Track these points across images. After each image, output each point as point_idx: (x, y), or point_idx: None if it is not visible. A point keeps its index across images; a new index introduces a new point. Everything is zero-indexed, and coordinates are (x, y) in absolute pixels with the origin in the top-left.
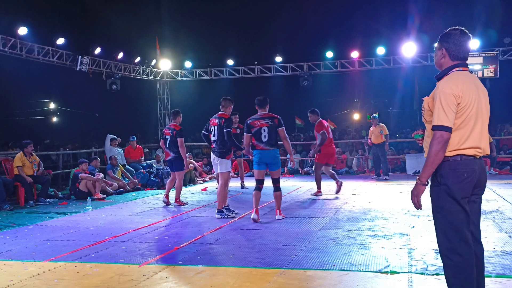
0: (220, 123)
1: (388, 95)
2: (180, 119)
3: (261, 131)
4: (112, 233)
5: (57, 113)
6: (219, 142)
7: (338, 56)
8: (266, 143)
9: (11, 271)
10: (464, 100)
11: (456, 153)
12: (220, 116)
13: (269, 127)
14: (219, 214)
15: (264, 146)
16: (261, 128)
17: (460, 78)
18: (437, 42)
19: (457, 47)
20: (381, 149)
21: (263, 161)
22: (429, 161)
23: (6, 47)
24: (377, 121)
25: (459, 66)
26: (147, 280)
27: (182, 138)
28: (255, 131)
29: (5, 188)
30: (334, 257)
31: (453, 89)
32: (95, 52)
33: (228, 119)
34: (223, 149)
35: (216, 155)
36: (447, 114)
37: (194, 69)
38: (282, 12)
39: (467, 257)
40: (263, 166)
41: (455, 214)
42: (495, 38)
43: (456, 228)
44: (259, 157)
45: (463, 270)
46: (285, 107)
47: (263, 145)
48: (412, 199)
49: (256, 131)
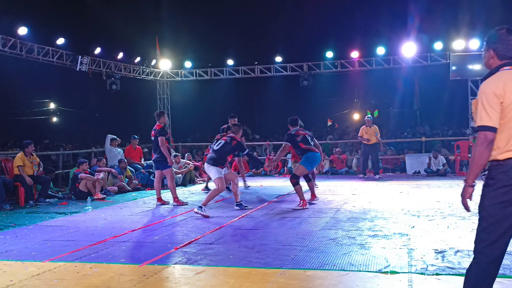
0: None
1: (388, 95)
2: (164, 120)
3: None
4: (112, 233)
5: (57, 113)
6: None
7: (338, 56)
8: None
9: (11, 271)
10: (508, 99)
11: (508, 156)
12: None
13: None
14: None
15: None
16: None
17: (503, 77)
18: (484, 44)
19: (505, 46)
20: (375, 150)
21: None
22: (473, 162)
23: (6, 47)
24: (372, 121)
25: (507, 65)
26: (147, 280)
27: (162, 136)
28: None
29: (5, 188)
30: (334, 257)
31: (493, 88)
32: (95, 52)
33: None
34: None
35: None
36: (489, 114)
37: (194, 69)
38: (282, 12)
39: (493, 260)
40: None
41: (496, 218)
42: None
43: (492, 232)
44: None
45: (484, 272)
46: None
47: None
48: (461, 201)
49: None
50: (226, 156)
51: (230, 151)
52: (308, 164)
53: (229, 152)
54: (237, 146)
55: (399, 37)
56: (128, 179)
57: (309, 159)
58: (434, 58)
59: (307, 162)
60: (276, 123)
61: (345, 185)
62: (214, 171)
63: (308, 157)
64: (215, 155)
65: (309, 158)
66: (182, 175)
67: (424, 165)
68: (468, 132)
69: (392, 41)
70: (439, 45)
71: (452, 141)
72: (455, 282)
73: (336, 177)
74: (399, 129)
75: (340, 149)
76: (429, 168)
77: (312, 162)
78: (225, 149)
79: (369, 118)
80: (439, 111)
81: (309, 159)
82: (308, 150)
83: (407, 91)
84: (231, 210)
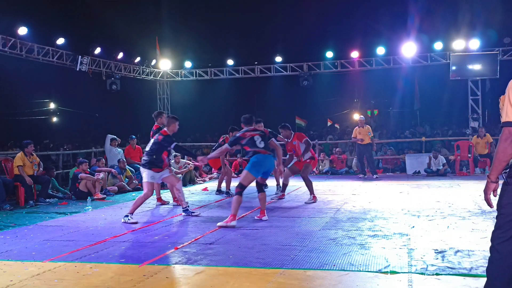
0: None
1: (388, 95)
2: (162, 120)
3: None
4: (112, 233)
5: (57, 113)
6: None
7: (338, 56)
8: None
9: (11, 271)
10: None
11: None
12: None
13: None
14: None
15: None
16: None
17: None
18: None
19: None
20: (369, 150)
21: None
22: (496, 157)
23: (6, 47)
24: (364, 121)
25: None
26: (147, 280)
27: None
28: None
29: (5, 188)
30: (334, 257)
31: None
32: (95, 52)
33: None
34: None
35: None
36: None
37: (194, 69)
38: (282, 12)
39: (506, 256)
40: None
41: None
42: (495, 38)
43: (508, 230)
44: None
45: (499, 270)
46: (285, 107)
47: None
48: (484, 197)
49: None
50: (160, 155)
51: (160, 148)
52: (252, 169)
53: (159, 149)
54: (163, 141)
55: (399, 37)
56: (128, 179)
57: (254, 162)
58: (434, 58)
59: (251, 167)
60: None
61: (345, 185)
62: (145, 174)
63: (253, 160)
64: (146, 157)
65: (255, 162)
66: (182, 175)
67: (424, 165)
68: (468, 132)
69: (392, 41)
70: (439, 45)
71: (452, 141)
72: (455, 282)
73: (336, 177)
74: (399, 129)
75: (340, 149)
76: (429, 168)
77: (258, 166)
78: (154, 148)
79: (361, 118)
80: (439, 111)
81: (254, 163)
82: (255, 152)
83: (407, 91)
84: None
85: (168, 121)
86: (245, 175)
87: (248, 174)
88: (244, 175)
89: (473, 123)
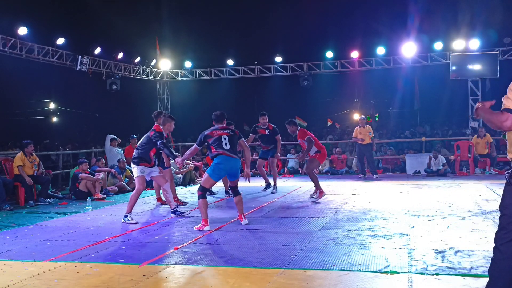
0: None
1: (388, 95)
2: (161, 120)
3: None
4: (112, 233)
5: (57, 113)
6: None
7: (338, 56)
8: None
9: (11, 271)
10: None
11: None
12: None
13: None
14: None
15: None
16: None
17: None
18: None
19: None
20: (369, 150)
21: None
22: (490, 118)
23: (6, 47)
24: (365, 121)
25: None
26: (147, 280)
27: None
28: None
29: (5, 188)
30: (334, 257)
31: None
32: (95, 52)
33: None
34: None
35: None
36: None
37: (194, 69)
38: (282, 12)
39: (508, 257)
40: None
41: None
42: (495, 38)
43: (511, 230)
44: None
45: (501, 270)
46: (285, 107)
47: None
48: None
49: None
50: (148, 150)
51: (148, 143)
52: (213, 173)
53: (147, 144)
54: (154, 136)
55: (399, 37)
56: (128, 179)
57: (215, 165)
58: (434, 58)
59: (213, 170)
60: (276, 123)
61: (345, 185)
62: (135, 169)
63: (215, 163)
64: (135, 153)
65: (216, 164)
66: (182, 175)
67: (424, 165)
68: (468, 132)
69: (392, 41)
70: (439, 45)
71: (452, 141)
72: (455, 282)
73: (336, 177)
74: (399, 129)
75: (340, 149)
76: (429, 168)
77: (218, 170)
78: (143, 142)
79: (362, 118)
80: (439, 111)
81: (216, 165)
82: (218, 154)
83: (407, 91)
84: (231, 210)
85: (164, 120)
86: (205, 178)
87: (208, 178)
88: (205, 178)
89: (473, 123)
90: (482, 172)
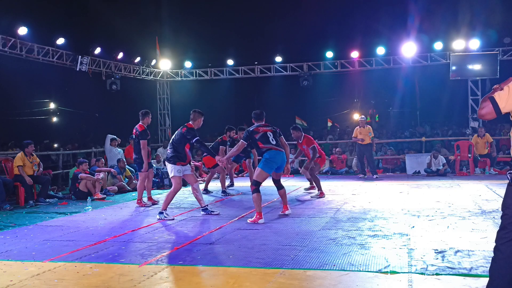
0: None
1: (388, 95)
2: (148, 120)
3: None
4: (112, 233)
5: (57, 113)
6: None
7: (338, 56)
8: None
9: (11, 271)
10: None
11: None
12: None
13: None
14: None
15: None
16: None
17: None
18: None
19: None
20: (369, 150)
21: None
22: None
23: (6, 47)
24: (365, 121)
25: None
26: (147, 280)
27: (144, 140)
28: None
29: (5, 188)
30: (334, 257)
31: None
32: (95, 52)
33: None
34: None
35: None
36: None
37: (194, 69)
38: (282, 12)
39: (508, 256)
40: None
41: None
42: (495, 38)
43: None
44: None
45: (501, 269)
46: (285, 107)
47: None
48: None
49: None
50: (183, 148)
51: (182, 139)
52: (265, 166)
53: (181, 141)
54: (187, 132)
55: (399, 37)
56: (128, 179)
57: (267, 159)
58: (434, 58)
59: (264, 164)
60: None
61: (345, 185)
62: (171, 169)
63: (266, 157)
64: (170, 151)
65: (267, 159)
66: None
67: (424, 165)
68: (468, 132)
69: (392, 41)
70: (439, 45)
71: (452, 141)
72: (455, 282)
73: (336, 177)
74: (399, 129)
75: (340, 149)
76: (429, 168)
77: (271, 162)
78: (176, 139)
79: (362, 118)
80: (439, 111)
81: (267, 160)
82: (268, 149)
83: (407, 91)
84: (231, 210)
85: (194, 116)
86: (258, 173)
87: (262, 171)
88: (258, 173)
89: (473, 123)
90: (482, 172)
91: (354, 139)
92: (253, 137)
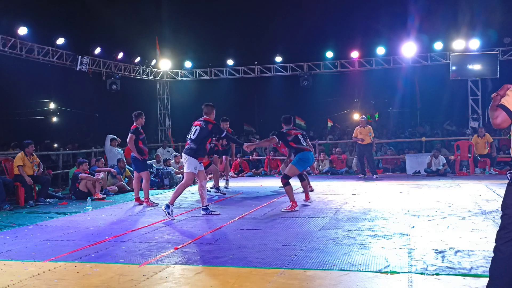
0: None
1: (388, 95)
2: (141, 121)
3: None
4: (112, 233)
5: (57, 113)
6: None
7: (338, 56)
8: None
9: (11, 271)
10: None
11: None
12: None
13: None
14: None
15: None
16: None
17: None
18: None
19: None
20: (369, 150)
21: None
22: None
23: (6, 47)
24: (365, 121)
25: None
26: (147, 280)
27: (131, 134)
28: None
29: (5, 188)
30: (334, 257)
31: None
32: (95, 52)
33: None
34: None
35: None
36: None
37: (194, 69)
38: (282, 12)
39: (508, 256)
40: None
41: None
42: (495, 38)
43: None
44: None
45: (501, 269)
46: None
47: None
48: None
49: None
50: (205, 144)
51: (207, 136)
52: (299, 164)
53: (206, 137)
54: (214, 129)
55: (399, 37)
56: (128, 179)
57: (301, 159)
58: (434, 58)
59: (299, 162)
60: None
61: (345, 185)
62: (190, 163)
63: (300, 157)
64: (194, 145)
65: (301, 158)
66: (182, 175)
67: (424, 165)
68: (468, 132)
69: (392, 41)
70: (439, 45)
71: (452, 141)
72: (455, 282)
73: (336, 177)
74: (399, 129)
75: (340, 149)
76: (429, 168)
77: (304, 162)
78: (202, 135)
79: (363, 118)
80: (439, 111)
81: (302, 159)
82: (301, 150)
83: (407, 91)
84: (231, 210)
85: (209, 109)
86: (290, 168)
87: (294, 168)
88: (290, 168)
89: (473, 123)
90: (482, 172)
91: (354, 139)
92: (285, 138)
